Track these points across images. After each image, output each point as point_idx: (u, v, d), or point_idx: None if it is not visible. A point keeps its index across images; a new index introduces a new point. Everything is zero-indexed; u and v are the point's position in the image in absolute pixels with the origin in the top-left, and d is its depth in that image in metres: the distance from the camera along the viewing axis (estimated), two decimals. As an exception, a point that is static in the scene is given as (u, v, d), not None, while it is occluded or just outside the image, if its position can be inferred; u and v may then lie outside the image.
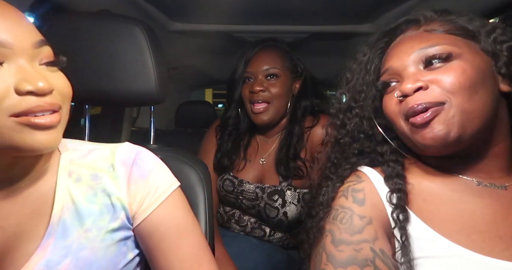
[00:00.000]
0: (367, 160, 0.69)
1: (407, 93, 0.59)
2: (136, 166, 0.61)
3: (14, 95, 0.45)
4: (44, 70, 0.50)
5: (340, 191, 0.65)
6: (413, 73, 0.61)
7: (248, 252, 1.19)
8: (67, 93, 0.53)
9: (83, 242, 0.55)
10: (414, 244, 0.57)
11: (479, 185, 0.61)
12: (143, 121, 2.36)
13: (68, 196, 0.57)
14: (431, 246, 0.56)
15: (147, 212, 0.59)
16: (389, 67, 0.64)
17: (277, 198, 1.19)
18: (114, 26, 0.81)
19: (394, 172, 0.63)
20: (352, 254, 0.56)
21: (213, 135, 1.37)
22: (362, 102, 0.70)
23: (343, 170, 0.69)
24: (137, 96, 0.82)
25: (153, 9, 1.32)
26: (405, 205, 0.59)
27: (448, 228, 0.57)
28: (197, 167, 0.83)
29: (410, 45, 0.63)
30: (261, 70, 1.23)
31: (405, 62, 0.62)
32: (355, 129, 0.70)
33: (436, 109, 0.57)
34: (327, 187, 0.68)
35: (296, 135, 1.24)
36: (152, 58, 0.80)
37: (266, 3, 1.25)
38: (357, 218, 0.59)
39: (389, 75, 0.65)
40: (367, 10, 1.35)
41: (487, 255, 0.53)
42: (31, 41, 0.49)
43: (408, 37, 0.65)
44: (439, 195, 0.61)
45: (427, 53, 0.60)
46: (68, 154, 0.61)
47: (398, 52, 0.64)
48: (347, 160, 0.70)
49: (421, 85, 0.58)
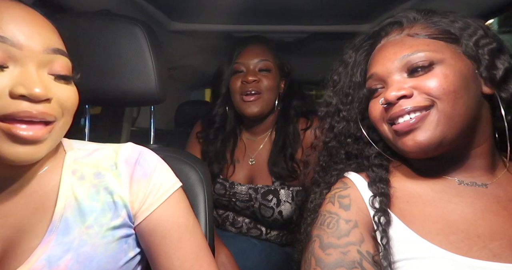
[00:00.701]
0: (354, 166, 0.70)
1: (391, 101, 0.60)
2: (139, 165, 0.61)
3: (7, 98, 0.45)
4: (51, 80, 0.50)
5: (327, 198, 0.66)
6: (397, 80, 0.62)
7: (247, 252, 1.18)
8: (69, 106, 0.52)
9: (84, 238, 0.55)
10: (395, 246, 0.58)
11: (460, 183, 0.62)
12: (143, 121, 2.36)
13: (71, 194, 0.57)
14: (411, 248, 0.57)
15: (148, 211, 0.60)
16: (373, 73, 0.65)
17: (271, 197, 1.19)
18: (114, 26, 0.81)
19: (377, 177, 0.64)
20: (339, 257, 0.57)
21: (195, 141, 1.34)
22: (349, 105, 0.71)
23: (330, 177, 0.71)
24: (137, 96, 0.82)
25: (153, 9, 1.32)
26: (387, 209, 0.60)
27: (428, 229, 0.58)
28: (197, 167, 0.83)
29: (393, 51, 0.63)
30: (254, 62, 1.22)
31: (389, 69, 0.63)
32: (343, 132, 0.71)
33: (421, 116, 0.58)
34: (315, 194, 0.70)
35: (291, 134, 1.23)
36: (152, 58, 0.80)
37: (266, 3, 1.25)
38: (343, 222, 0.60)
39: (374, 81, 0.66)
40: (367, 10, 1.35)
41: (465, 255, 0.53)
42: (44, 46, 0.48)
43: (391, 42, 0.65)
44: (421, 196, 0.62)
45: (410, 61, 0.60)
46: (73, 153, 0.62)
47: (381, 58, 0.65)
48: (334, 166, 0.72)
49: (405, 93, 0.59)
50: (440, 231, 0.57)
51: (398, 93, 0.59)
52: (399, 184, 0.65)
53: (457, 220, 0.58)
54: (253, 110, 1.21)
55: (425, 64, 0.59)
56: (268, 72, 1.23)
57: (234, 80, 1.24)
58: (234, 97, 1.24)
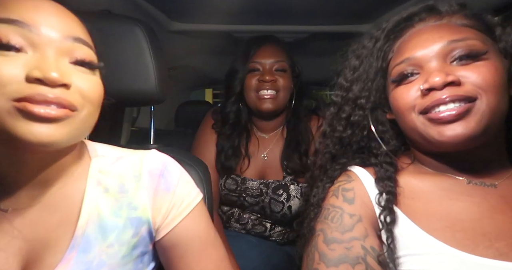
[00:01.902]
0: (358, 160, 0.69)
1: (437, 86, 0.55)
2: (163, 178, 0.60)
3: (23, 81, 0.44)
4: (72, 68, 0.49)
5: (330, 191, 0.65)
6: (440, 66, 0.57)
7: (248, 253, 1.18)
8: (91, 96, 0.50)
9: (104, 258, 0.54)
10: (399, 242, 0.57)
11: (469, 183, 0.61)
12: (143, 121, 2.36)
13: (94, 208, 0.55)
14: (417, 243, 0.56)
15: (171, 225, 0.58)
16: (409, 58, 0.60)
17: (281, 192, 1.21)
18: (114, 26, 0.81)
19: (386, 174, 0.63)
20: (343, 253, 0.56)
21: (211, 133, 1.35)
22: (368, 93, 0.67)
23: (333, 171, 0.69)
24: (137, 96, 0.82)
25: (153, 9, 1.32)
26: (393, 207, 0.59)
27: (434, 225, 0.57)
28: (197, 167, 0.83)
29: (438, 35, 0.58)
30: (270, 62, 1.25)
31: (431, 52, 0.57)
32: (358, 122, 0.68)
33: (467, 106, 0.54)
34: (318, 188, 0.69)
35: (303, 131, 1.27)
36: (152, 58, 0.80)
37: (266, 3, 1.25)
38: (347, 217, 0.59)
39: (408, 65, 0.60)
40: (367, 10, 1.35)
41: (470, 253, 0.53)
42: (63, 34, 0.48)
43: (433, 26, 0.60)
44: (427, 193, 0.61)
45: (457, 47, 0.56)
46: (98, 160, 0.60)
47: (422, 41, 0.59)
48: (338, 160, 0.70)
49: (454, 80, 0.54)
50: (446, 228, 0.56)
51: (446, 79, 0.54)
52: (405, 181, 0.64)
53: (463, 218, 0.57)
54: (268, 106, 1.23)
55: (474, 53, 0.55)
56: (284, 73, 1.26)
57: (249, 78, 1.25)
58: (249, 94, 1.26)
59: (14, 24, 0.44)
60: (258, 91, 1.23)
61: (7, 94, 0.43)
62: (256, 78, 1.24)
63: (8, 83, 0.43)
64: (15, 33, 0.44)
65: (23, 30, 0.45)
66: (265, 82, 1.22)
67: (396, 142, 0.70)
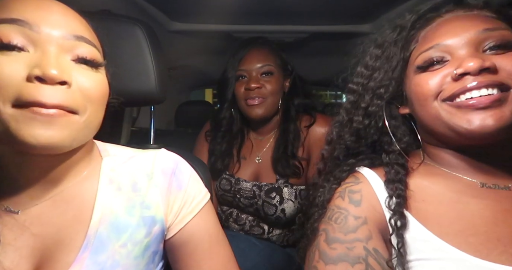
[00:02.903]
0: (367, 161, 0.68)
1: (471, 71, 0.53)
2: (175, 176, 0.60)
3: (23, 81, 0.43)
4: (73, 65, 0.48)
5: (337, 192, 0.64)
6: (472, 53, 0.55)
7: (247, 252, 1.18)
8: (94, 96, 0.49)
9: (117, 258, 0.53)
10: (410, 246, 0.56)
11: (483, 186, 0.59)
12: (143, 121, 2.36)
13: (107, 206, 0.55)
14: (428, 248, 0.55)
15: (182, 223, 0.59)
16: (440, 43, 0.57)
17: (274, 195, 1.20)
18: (114, 26, 0.81)
19: (397, 177, 0.61)
20: (344, 252, 0.55)
21: (203, 140, 1.39)
22: (388, 82, 0.65)
23: (340, 172, 0.68)
24: (137, 96, 0.82)
25: (153, 9, 1.32)
26: (403, 211, 0.58)
27: (446, 229, 0.56)
28: (197, 167, 0.83)
29: (470, 23, 0.56)
30: (256, 67, 1.24)
31: (463, 40, 0.55)
32: (375, 113, 0.66)
33: (502, 95, 0.52)
34: (324, 188, 0.67)
35: (292, 132, 1.25)
36: (152, 58, 0.80)
37: (266, 3, 1.25)
38: (352, 218, 0.58)
39: (436, 51, 0.58)
40: (367, 10, 1.35)
41: (484, 259, 0.52)
42: (64, 31, 0.47)
43: (465, 16, 0.59)
44: (438, 195, 0.60)
45: (492, 36, 0.54)
46: (109, 159, 0.60)
47: (453, 28, 0.57)
48: (346, 161, 0.69)
49: (490, 66, 0.52)
50: (459, 232, 0.55)
51: (485, 64, 0.52)
52: (415, 183, 0.62)
53: (476, 221, 0.55)
54: (257, 113, 1.24)
55: (506, 43, 0.54)
56: (271, 76, 1.25)
57: (238, 87, 1.26)
58: (239, 102, 1.27)
59: (16, 24, 0.44)
60: (246, 100, 1.24)
61: (6, 97, 0.43)
62: (243, 86, 1.24)
63: (8, 84, 0.43)
64: (16, 32, 0.44)
65: (24, 29, 0.45)
66: (251, 90, 1.22)
67: (409, 138, 0.68)
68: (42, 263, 0.51)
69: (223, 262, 0.62)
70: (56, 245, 0.52)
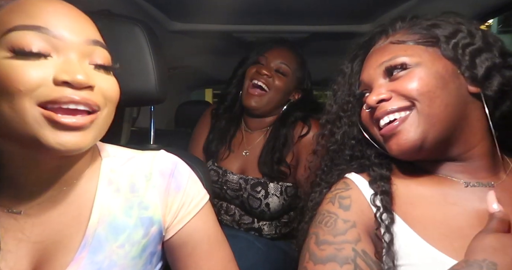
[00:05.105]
0: (356, 166, 0.70)
1: (371, 105, 0.64)
2: (173, 177, 0.61)
3: (51, 84, 0.45)
4: (92, 69, 0.50)
5: (328, 198, 0.66)
6: (379, 85, 0.65)
7: (246, 251, 1.19)
8: (111, 96, 0.52)
9: (114, 259, 0.54)
10: (399, 249, 0.57)
11: (467, 186, 0.61)
12: (143, 121, 2.36)
13: (106, 207, 0.56)
14: (415, 253, 0.56)
15: (181, 224, 0.60)
16: (361, 80, 0.70)
17: (260, 189, 1.23)
18: (114, 26, 0.81)
19: (378, 175, 0.65)
20: (332, 253, 0.57)
21: (209, 117, 1.42)
22: (350, 112, 0.73)
23: (330, 177, 0.71)
24: (137, 96, 0.82)
25: (153, 9, 1.32)
26: (389, 207, 0.60)
27: (432, 233, 0.57)
28: (197, 167, 0.83)
29: (375, 59, 0.67)
30: (276, 62, 1.28)
31: (371, 75, 0.67)
32: (345, 136, 0.74)
33: (402, 118, 0.61)
34: (315, 193, 0.71)
35: (282, 138, 1.26)
36: (152, 58, 0.80)
37: (266, 3, 1.26)
38: (341, 222, 0.60)
39: (362, 87, 0.70)
40: (367, 10, 1.35)
41: None
42: (84, 37, 0.50)
43: (376, 51, 0.69)
44: (426, 198, 0.62)
45: (387, 66, 0.64)
46: (109, 160, 0.61)
47: (367, 66, 0.69)
48: (337, 167, 0.72)
49: (384, 97, 0.63)
50: (444, 237, 0.57)
51: (378, 97, 0.63)
52: (403, 185, 0.65)
53: (461, 225, 0.57)
54: (251, 103, 1.26)
55: (397, 66, 0.63)
56: (283, 76, 1.28)
57: (251, 67, 1.30)
58: (245, 82, 1.30)
59: (39, 31, 0.46)
60: (252, 80, 1.26)
61: (35, 98, 0.44)
62: (255, 69, 1.28)
63: (37, 87, 0.44)
64: (40, 39, 0.46)
65: (48, 36, 0.46)
66: (260, 75, 1.25)
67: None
68: (40, 263, 0.52)
69: (223, 263, 0.63)
70: (55, 246, 0.52)
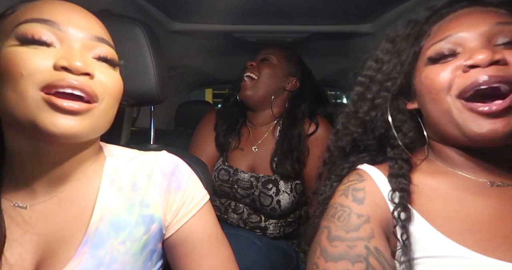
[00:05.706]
0: (368, 158, 0.68)
1: (480, 64, 0.52)
2: (174, 176, 0.62)
3: (51, 70, 0.48)
4: (93, 61, 0.53)
5: (340, 190, 0.63)
6: (484, 46, 0.54)
7: (246, 250, 1.19)
8: (112, 89, 0.54)
9: (115, 255, 0.55)
10: (415, 243, 0.56)
11: (492, 185, 0.58)
12: (143, 122, 2.36)
13: (108, 205, 0.57)
14: (433, 246, 0.55)
15: (181, 222, 0.60)
16: (452, 35, 0.57)
17: (271, 186, 1.24)
18: (114, 26, 0.81)
19: (400, 171, 0.60)
20: (345, 250, 0.56)
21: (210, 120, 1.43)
22: (397, 76, 0.65)
23: (341, 169, 0.68)
24: (137, 96, 0.82)
25: (153, 9, 1.32)
26: (407, 204, 0.58)
27: (451, 227, 0.55)
28: (197, 167, 0.83)
29: (482, 16, 0.56)
30: (261, 55, 1.37)
31: (475, 33, 0.55)
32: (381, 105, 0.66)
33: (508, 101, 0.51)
34: (325, 186, 0.68)
35: (296, 137, 1.28)
36: (152, 58, 0.80)
37: (266, 3, 1.26)
38: (355, 216, 0.58)
39: (447, 43, 0.57)
40: (367, 10, 1.35)
41: (489, 256, 0.51)
42: (88, 33, 0.53)
43: (479, 10, 0.59)
44: (444, 193, 0.59)
45: (506, 30, 0.54)
46: (112, 159, 0.62)
47: (466, 21, 0.57)
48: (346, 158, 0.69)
49: (500, 58, 0.51)
50: (464, 230, 0.54)
51: (492, 57, 0.51)
52: (421, 179, 0.61)
53: (482, 219, 0.55)
54: (244, 93, 1.32)
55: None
56: (268, 62, 1.34)
57: None
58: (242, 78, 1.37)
59: (46, 23, 0.50)
60: (243, 75, 1.34)
61: (37, 83, 0.47)
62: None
63: (38, 71, 0.47)
64: (45, 30, 0.50)
65: (53, 28, 0.50)
66: (248, 68, 1.34)
67: (414, 134, 0.66)
68: (44, 258, 0.53)
69: (223, 262, 0.63)
70: (57, 241, 0.54)
